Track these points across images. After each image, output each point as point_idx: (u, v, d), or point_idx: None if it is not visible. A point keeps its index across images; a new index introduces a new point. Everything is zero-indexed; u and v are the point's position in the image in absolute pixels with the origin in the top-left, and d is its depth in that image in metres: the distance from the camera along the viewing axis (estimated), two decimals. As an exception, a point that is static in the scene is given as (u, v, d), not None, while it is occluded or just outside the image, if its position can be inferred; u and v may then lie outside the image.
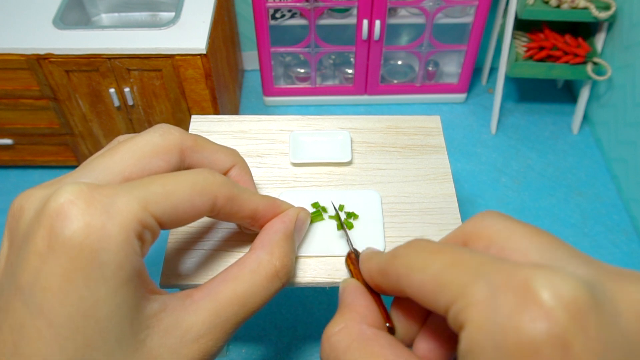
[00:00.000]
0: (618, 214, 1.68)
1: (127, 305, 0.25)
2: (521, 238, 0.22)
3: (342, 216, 0.68)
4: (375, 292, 0.29)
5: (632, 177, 1.65)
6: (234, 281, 0.31)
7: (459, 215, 0.72)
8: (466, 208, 1.69)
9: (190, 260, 0.60)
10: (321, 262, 0.65)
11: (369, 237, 0.67)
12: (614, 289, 0.19)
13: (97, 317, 0.24)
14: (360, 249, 0.66)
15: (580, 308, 0.18)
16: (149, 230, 0.27)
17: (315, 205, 0.66)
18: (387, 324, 0.27)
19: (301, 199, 0.70)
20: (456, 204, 0.74)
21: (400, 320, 0.28)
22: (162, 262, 0.66)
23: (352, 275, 0.34)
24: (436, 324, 0.27)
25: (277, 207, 0.37)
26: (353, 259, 0.37)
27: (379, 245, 0.67)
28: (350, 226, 0.67)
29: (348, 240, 0.61)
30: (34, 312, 0.23)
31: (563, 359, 0.17)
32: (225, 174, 0.40)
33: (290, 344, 1.37)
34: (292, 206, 0.39)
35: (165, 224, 0.28)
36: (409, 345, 0.28)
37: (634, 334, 0.18)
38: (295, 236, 0.38)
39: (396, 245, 0.26)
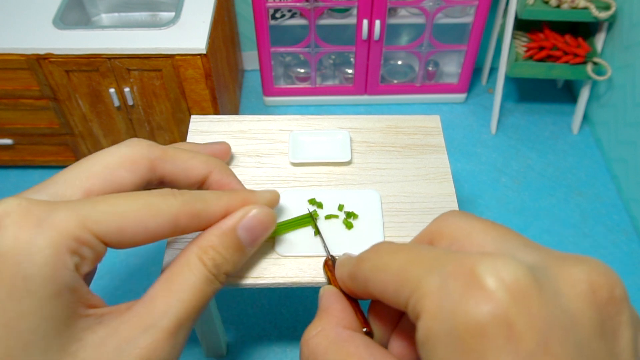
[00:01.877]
0: (618, 214, 1.68)
1: (54, 319, 0.24)
2: (479, 233, 0.24)
3: (342, 216, 0.68)
4: (352, 298, 0.30)
5: (632, 177, 1.65)
6: (167, 282, 0.30)
7: (458, 215, 0.72)
8: (466, 208, 1.69)
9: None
10: (321, 262, 0.65)
11: (369, 237, 0.67)
12: (557, 271, 0.20)
13: (20, 330, 0.23)
14: (359, 250, 0.66)
15: (521, 289, 0.19)
16: (88, 248, 0.26)
17: (311, 201, 0.67)
18: (365, 329, 0.28)
19: (301, 198, 0.70)
20: (456, 204, 0.74)
21: (376, 324, 0.29)
22: (162, 262, 0.66)
23: (329, 282, 0.34)
24: (408, 323, 0.28)
25: (250, 202, 0.36)
26: (330, 265, 0.37)
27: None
28: (350, 226, 0.67)
29: (325, 247, 0.61)
30: None
31: (507, 337, 0.18)
32: (204, 180, 0.40)
33: (290, 344, 1.37)
34: (274, 196, 0.39)
35: (112, 244, 0.28)
36: (386, 346, 0.28)
37: (575, 312, 0.19)
38: (244, 235, 0.36)
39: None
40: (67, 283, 0.25)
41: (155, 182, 0.35)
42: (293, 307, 1.43)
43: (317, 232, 0.62)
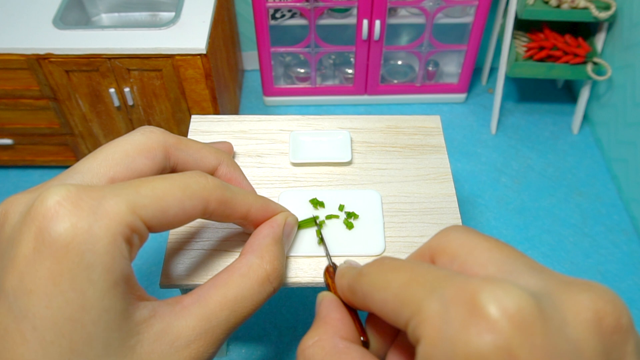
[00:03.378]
0: (618, 214, 1.68)
1: (114, 310, 0.24)
2: (482, 252, 0.23)
3: (343, 216, 0.68)
4: (351, 307, 0.30)
5: (632, 177, 1.65)
6: (224, 286, 0.30)
7: (459, 215, 0.72)
8: (466, 208, 1.69)
9: (191, 260, 0.60)
10: (321, 262, 0.65)
11: (369, 237, 0.67)
12: (562, 299, 0.20)
13: (84, 322, 0.23)
14: (359, 250, 0.66)
15: (525, 319, 0.18)
16: (137, 234, 0.26)
17: (313, 201, 0.66)
18: (362, 338, 0.28)
19: (301, 199, 0.70)
20: (456, 204, 0.74)
21: (373, 335, 0.28)
22: (162, 262, 0.66)
23: (329, 289, 0.34)
24: (406, 339, 0.27)
25: (269, 209, 0.37)
26: (331, 272, 0.37)
27: (379, 245, 0.67)
28: (351, 226, 0.67)
29: (327, 254, 0.61)
30: (18, 317, 0.22)
31: None
32: (213, 172, 0.40)
33: (290, 344, 1.37)
34: (285, 209, 0.39)
35: (153, 228, 0.27)
36: (382, 358, 0.28)
37: (580, 342, 0.19)
38: (284, 241, 0.38)
39: (396, 245, 0.27)
40: (123, 272, 0.25)
41: (167, 170, 0.35)
42: (293, 307, 1.43)
43: (321, 240, 0.63)
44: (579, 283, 0.20)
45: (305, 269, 0.65)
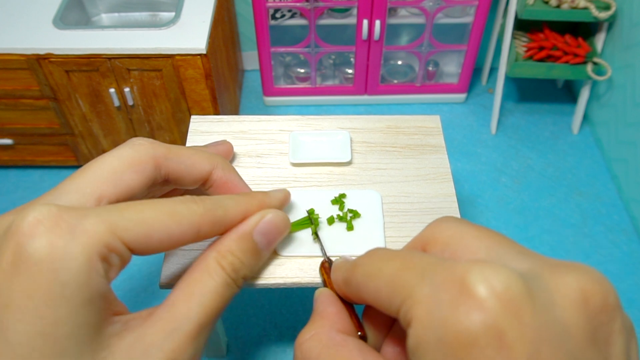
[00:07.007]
0: (618, 214, 1.68)
1: (87, 325, 0.25)
2: (472, 239, 0.23)
3: (345, 213, 0.68)
4: (347, 302, 0.30)
5: (632, 177, 1.65)
6: (187, 285, 0.31)
7: (458, 215, 0.72)
8: (466, 208, 1.69)
9: (191, 260, 0.60)
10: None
11: (369, 237, 0.67)
12: (550, 280, 0.20)
13: (56, 337, 0.24)
14: (359, 250, 0.66)
15: (513, 298, 0.18)
16: (116, 255, 0.27)
17: (311, 211, 0.65)
18: (359, 332, 0.28)
19: (301, 199, 0.70)
20: (456, 204, 0.74)
21: (370, 328, 0.29)
22: (162, 262, 0.66)
23: (325, 284, 0.34)
24: (401, 329, 0.28)
25: (265, 206, 0.37)
26: (327, 268, 0.37)
27: (379, 245, 0.67)
28: (351, 226, 0.67)
29: (322, 249, 0.61)
30: None
31: (498, 347, 0.18)
32: (207, 177, 0.40)
33: (290, 344, 1.37)
34: (283, 195, 0.39)
35: (137, 251, 0.28)
36: (379, 350, 0.28)
37: (568, 321, 0.19)
38: (260, 239, 0.36)
39: (396, 245, 0.27)
40: (99, 290, 0.25)
41: (160, 181, 0.36)
42: (293, 307, 1.43)
43: (316, 236, 0.62)
44: (566, 265, 0.21)
45: (305, 269, 0.65)
